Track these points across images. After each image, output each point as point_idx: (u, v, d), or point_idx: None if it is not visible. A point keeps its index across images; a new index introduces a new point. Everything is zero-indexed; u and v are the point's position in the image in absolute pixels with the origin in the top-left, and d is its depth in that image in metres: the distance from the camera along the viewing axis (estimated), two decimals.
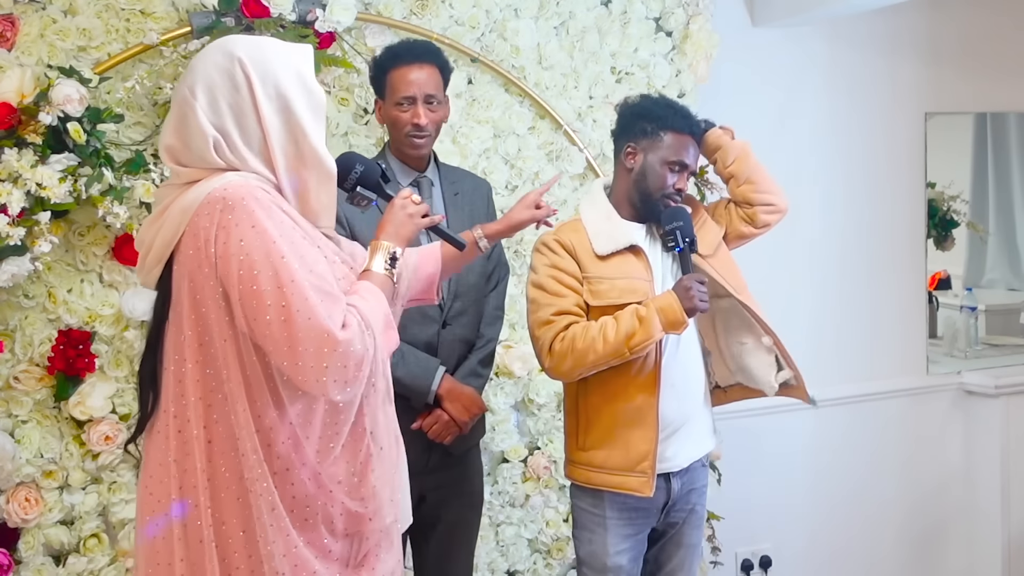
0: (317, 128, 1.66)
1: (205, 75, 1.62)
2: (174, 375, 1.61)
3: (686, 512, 2.41)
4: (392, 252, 1.75)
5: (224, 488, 1.58)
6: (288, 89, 1.63)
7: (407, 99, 2.35)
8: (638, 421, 2.27)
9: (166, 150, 1.65)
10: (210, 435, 1.59)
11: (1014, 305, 4.45)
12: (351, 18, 2.59)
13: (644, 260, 2.32)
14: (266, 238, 1.52)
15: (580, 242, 2.32)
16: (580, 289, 2.30)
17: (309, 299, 1.51)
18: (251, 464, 1.57)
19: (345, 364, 1.53)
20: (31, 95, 2.26)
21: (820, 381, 3.67)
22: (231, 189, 1.56)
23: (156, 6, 2.46)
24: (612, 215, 2.36)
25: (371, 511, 1.67)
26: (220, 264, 1.54)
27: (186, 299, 1.59)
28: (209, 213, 1.55)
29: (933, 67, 3.84)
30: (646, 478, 2.26)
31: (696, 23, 3.16)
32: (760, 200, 2.41)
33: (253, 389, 1.57)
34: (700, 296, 2.18)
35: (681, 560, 2.44)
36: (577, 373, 2.27)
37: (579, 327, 2.24)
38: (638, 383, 2.27)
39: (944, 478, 3.90)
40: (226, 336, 1.56)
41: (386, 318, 1.67)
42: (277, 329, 1.51)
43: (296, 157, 1.63)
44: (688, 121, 2.35)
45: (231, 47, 1.64)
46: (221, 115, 1.60)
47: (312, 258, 1.57)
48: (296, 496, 1.60)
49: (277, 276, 1.51)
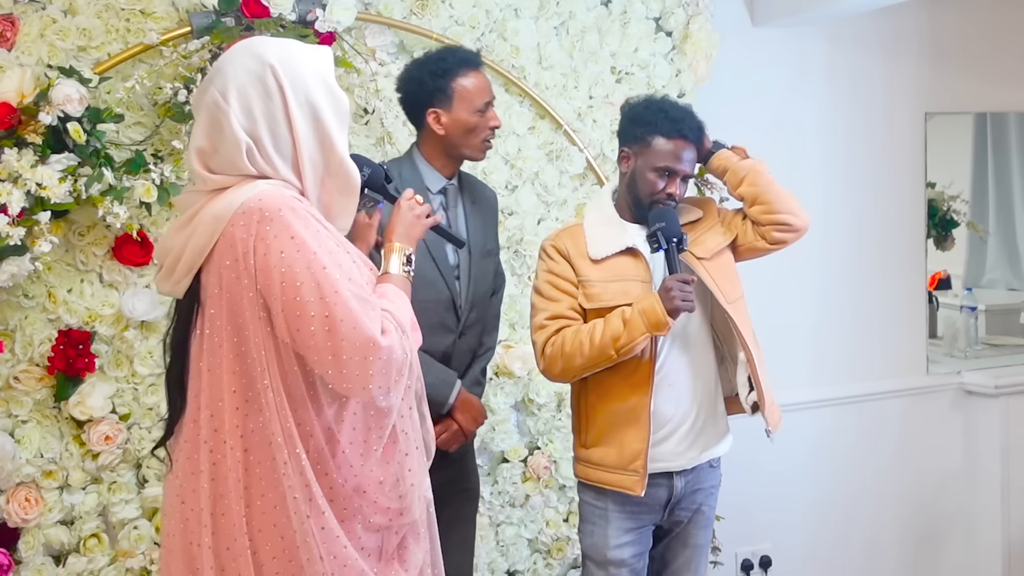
0: (342, 135, 1.67)
1: (236, 80, 1.60)
2: (208, 384, 1.61)
3: (691, 511, 2.42)
4: (408, 253, 1.79)
5: (260, 496, 1.59)
6: (317, 97, 1.63)
7: (486, 104, 2.35)
8: (632, 420, 2.28)
9: (197, 153, 1.64)
10: (247, 444, 1.59)
11: (1014, 305, 4.45)
12: (351, 18, 2.59)
13: (642, 262, 2.33)
14: (305, 249, 1.54)
15: (576, 246, 2.34)
16: (575, 293, 2.32)
17: (353, 309, 1.53)
18: (292, 470, 1.57)
19: (387, 370, 1.57)
20: (31, 95, 2.26)
21: (820, 381, 3.70)
22: (266, 199, 1.56)
23: (156, 6, 2.46)
24: (613, 218, 2.37)
25: (404, 507, 1.70)
26: (260, 276, 1.54)
27: (223, 309, 1.59)
28: (246, 224, 1.55)
29: (933, 67, 3.84)
30: (638, 477, 2.27)
31: (696, 23, 3.16)
32: (772, 220, 2.36)
33: (295, 398, 1.58)
34: (682, 296, 2.17)
35: (687, 560, 2.45)
36: (569, 375, 2.30)
37: (570, 330, 2.27)
38: (631, 383, 2.28)
39: (944, 478, 3.90)
40: (266, 346, 1.57)
41: (411, 320, 1.70)
42: (322, 339, 1.52)
43: (323, 165, 1.65)
44: (678, 125, 2.31)
45: (261, 51, 1.63)
46: (254, 121, 1.60)
47: (348, 266, 1.59)
48: (335, 499, 1.61)
49: (320, 287, 1.52)
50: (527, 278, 2.92)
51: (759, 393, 2.36)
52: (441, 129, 2.34)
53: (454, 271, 2.40)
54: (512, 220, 2.92)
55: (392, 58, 2.73)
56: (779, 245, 2.40)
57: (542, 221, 2.99)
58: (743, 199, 2.40)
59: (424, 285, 2.32)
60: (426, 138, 2.39)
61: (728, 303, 2.33)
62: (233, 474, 1.59)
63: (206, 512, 1.61)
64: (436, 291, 2.36)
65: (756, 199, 2.37)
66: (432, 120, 2.34)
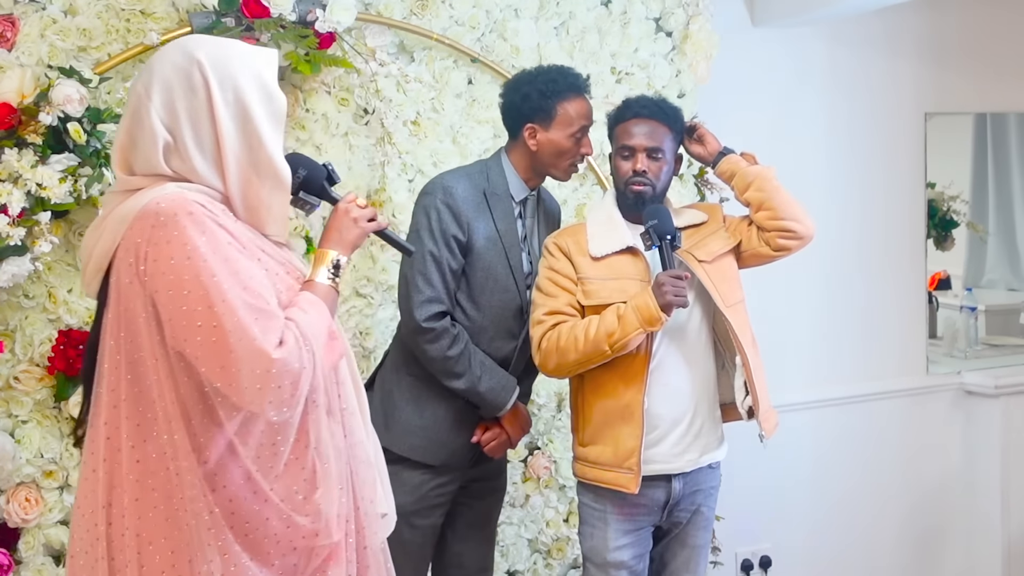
0: (275, 135, 1.62)
1: (162, 75, 1.57)
2: (107, 389, 1.57)
3: (690, 512, 2.42)
4: (336, 260, 1.70)
5: (152, 508, 1.54)
6: (247, 94, 1.59)
7: (583, 129, 2.38)
8: (626, 417, 2.29)
9: (117, 150, 1.60)
10: (139, 454, 1.54)
11: (1014, 305, 4.46)
12: (351, 18, 2.59)
13: (642, 261, 2.34)
14: (196, 256, 1.48)
15: (577, 244, 2.36)
16: (574, 290, 2.33)
17: (241, 319, 1.47)
18: (187, 483, 1.52)
19: (280, 384, 1.50)
20: (31, 95, 2.26)
21: (820, 381, 3.70)
22: (164, 203, 1.51)
23: (156, 6, 2.46)
24: (614, 218, 2.39)
25: (318, 527, 1.62)
26: (149, 282, 1.50)
27: (119, 315, 1.54)
28: (141, 228, 1.51)
29: (933, 67, 3.84)
30: (632, 475, 2.28)
31: (696, 23, 3.16)
32: (777, 227, 2.37)
33: (188, 408, 1.53)
34: (675, 291, 2.18)
35: (686, 560, 2.45)
36: (565, 370, 2.32)
37: (566, 326, 2.29)
38: (625, 379, 2.29)
39: (944, 478, 3.90)
40: (158, 355, 1.52)
41: (329, 330, 1.62)
42: (209, 350, 1.47)
43: (249, 165, 1.59)
44: (627, 108, 2.38)
45: (191, 47, 1.60)
46: (175, 117, 1.56)
47: (247, 274, 1.52)
48: (236, 512, 1.55)
49: (208, 296, 1.47)
50: None
51: (754, 398, 2.36)
52: (535, 145, 2.37)
53: (527, 278, 2.43)
54: None
55: (392, 58, 2.73)
56: (783, 252, 2.40)
57: None
58: (749, 204, 2.41)
59: (498, 289, 2.37)
60: (517, 148, 2.42)
61: (726, 307, 2.33)
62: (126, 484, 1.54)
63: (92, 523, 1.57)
64: (508, 296, 2.39)
65: (763, 204, 2.37)
66: (528, 135, 2.38)
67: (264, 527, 1.58)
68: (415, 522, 2.36)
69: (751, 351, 2.36)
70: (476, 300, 2.36)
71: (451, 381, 2.33)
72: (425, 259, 2.29)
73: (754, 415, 2.39)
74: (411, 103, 2.77)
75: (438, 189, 2.34)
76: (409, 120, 2.77)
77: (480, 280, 2.35)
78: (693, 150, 2.50)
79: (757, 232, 2.40)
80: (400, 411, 2.38)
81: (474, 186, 2.36)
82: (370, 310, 2.72)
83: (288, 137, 2.62)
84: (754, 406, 2.37)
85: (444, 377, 2.33)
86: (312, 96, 2.65)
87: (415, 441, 2.37)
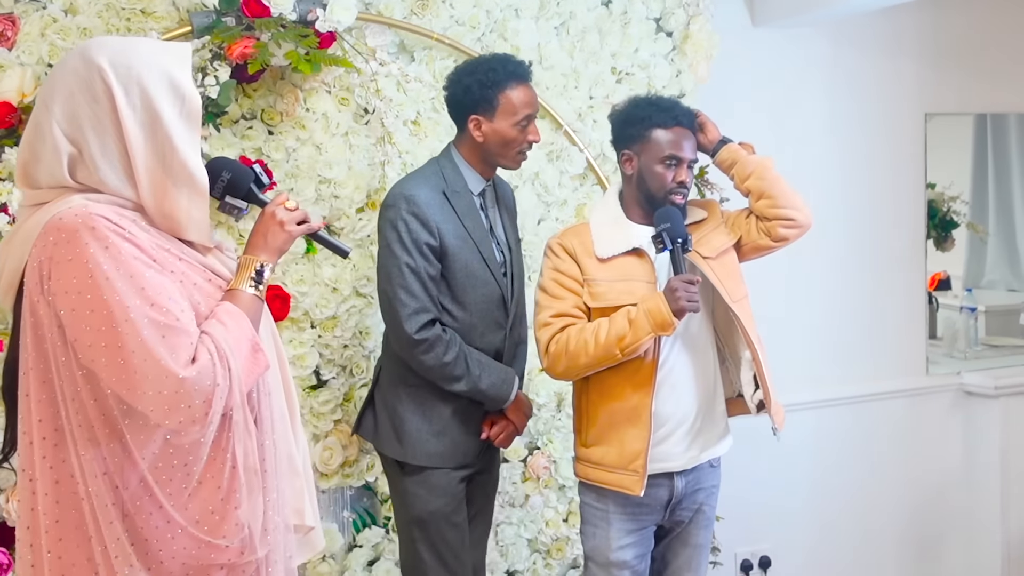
0: (190, 138, 1.55)
1: (63, 84, 1.50)
2: (23, 408, 1.52)
3: (692, 511, 2.42)
4: (258, 267, 1.62)
5: (73, 527, 1.50)
6: (155, 97, 1.51)
7: (528, 118, 2.37)
8: (632, 420, 2.29)
9: (21, 165, 1.54)
10: (57, 475, 1.49)
11: (1014, 306, 4.45)
12: (352, 18, 2.58)
13: (648, 262, 2.34)
14: (98, 274, 1.42)
15: (583, 245, 2.35)
16: (580, 292, 2.32)
17: (145, 339, 1.42)
18: (98, 506, 1.48)
19: (190, 403, 1.45)
20: (31, 94, 2.26)
21: (820, 381, 3.70)
22: (66, 219, 1.45)
23: (156, 5, 2.46)
24: (620, 219, 2.38)
25: (242, 545, 1.55)
26: (54, 301, 1.44)
27: (28, 333, 1.49)
28: (43, 245, 1.45)
29: (933, 68, 3.84)
30: (637, 477, 2.28)
31: (696, 23, 3.16)
32: (777, 215, 2.37)
33: (96, 429, 1.47)
34: (688, 297, 2.18)
35: (688, 559, 2.46)
36: (573, 373, 2.32)
37: (574, 329, 2.28)
38: (633, 382, 2.29)
39: (944, 479, 3.90)
40: (65, 375, 1.47)
41: (250, 343, 1.55)
42: (115, 371, 1.42)
43: (162, 172, 1.52)
44: (672, 113, 2.34)
45: (92, 53, 1.51)
46: (78, 128, 1.49)
47: (155, 289, 1.45)
48: (149, 538, 1.50)
49: (111, 315, 1.42)
50: (527, 277, 2.92)
51: (765, 392, 2.37)
52: (480, 136, 2.37)
53: (502, 268, 2.44)
54: None
55: (392, 58, 2.73)
56: (783, 242, 2.41)
57: (542, 221, 2.99)
58: (749, 192, 2.41)
59: (478, 284, 2.38)
60: (465, 141, 2.42)
61: (733, 302, 2.33)
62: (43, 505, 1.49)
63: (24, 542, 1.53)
64: (489, 290, 2.40)
65: (763, 193, 2.38)
66: (473, 126, 2.37)
67: (181, 554, 1.52)
68: (455, 520, 2.41)
69: (759, 346, 2.36)
70: (460, 300, 2.37)
71: (452, 385, 2.34)
72: (403, 271, 2.29)
73: (763, 409, 2.40)
74: (411, 103, 2.77)
75: (400, 200, 2.32)
76: (409, 120, 2.77)
77: (461, 280, 2.36)
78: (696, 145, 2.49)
79: (756, 223, 2.41)
80: (408, 423, 2.39)
81: (433, 189, 2.35)
82: (370, 310, 2.72)
83: (288, 136, 2.62)
84: (765, 400, 2.38)
85: (445, 383, 2.35)
86: (312, 96, 2.65)
87: (431, 448, 2.39)
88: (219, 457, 1.54)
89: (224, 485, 1.54)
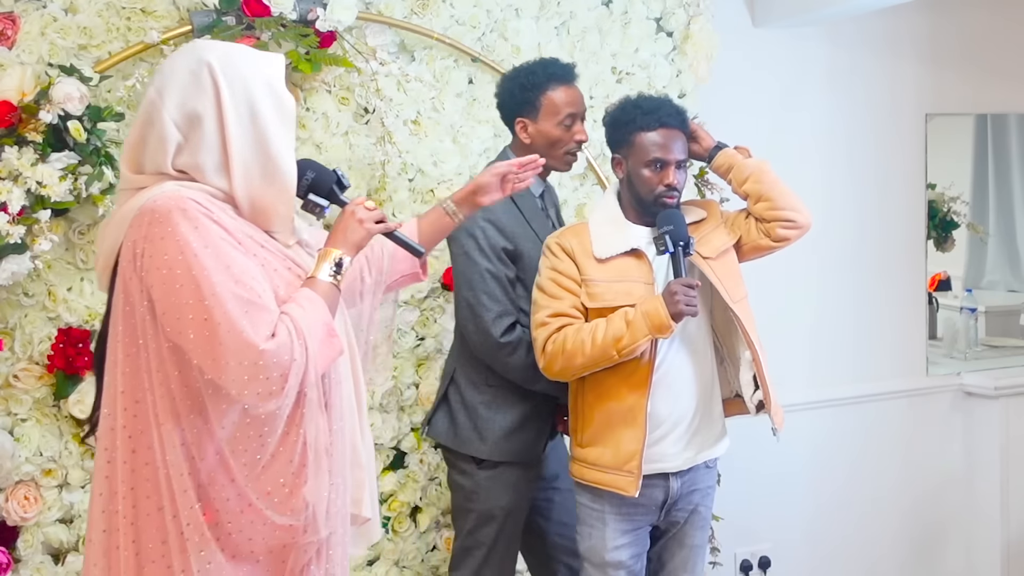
0: (283, 136, 1.66)
1: (173, 76, 1.62)
2: (109, 383, 1.62)
3: (688, 512, 2.42)
4: (338, 259, 1.72)
5: (145, 497, 1.59)
6: (256, 95, 1.63)
7: (571, 116, 2.42)
8: (629, 421, 2.28)
9: (127, 149, 1.65)
10: (135, 444, 1.59)
11: (1014, 307, 4.45)
12: (352, 17, 2.59)
13: (646, 263, 2.33)
14: (188, 251, 1.52)
15: (581, 245, 2.35)
16: (578, 291, 2.32)
17: (229, 311, 1.51)
18: (173, 476, 1.56)
19: (268, 375, 1.52)
20: (32, 93, 2.26)
21: (820, 382, 3.69)
22: (160, 200, 1.56)
23: (157, 5, 2.46)
24: (619, 219, 2.38)
25: (305, 523, 1.63)
26: (145, 277, 1.55)
27: (119, 310, 1.60)
28: (139, 225, 1.56)
29: (933, 68, 3.84)
30: (632, 478, 2.27)
31: (697, 24, 3.16)
32: (776, 216, 2.37)
33: (178, 401, 1.57)
34: (687, 300, 2.17)
35: (684, 560, 2.45)
36: (569, 373, 2.31)
37: (571, 329, 2.28)
38: (630, 383, 2.28)
39: (943, 479, 3.90)
40: (150, 348, 1.57)
41: (326, 327, 1.63)
42: (201, 343, 1.51)
43: (256, 165, 1.63)
44: (656, 116, 2.32)
45: (201, 51, 1.64)
46: (185, 118, 1.60)
47: (239, 268, 1.56)
48: (220, 509, 1.59)
49: (198, 289, 1.51)
50: None
51: (765, 392, 2.37)
52: (527, 138, 2.44)
53: None
54: None
55: (392, 58, 2.73)
56: (783, 242, 2.41)
57: None
58: (748, 196, 2.41)
59: None
60: (516, 145, 2.48)
61: (733, 302, 2.33)
62: (121, 473, 1.59)
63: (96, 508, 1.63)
64: None
65: (761, 196, 2.38)
66: (519, 129, 2.45)
67: (248, 528, 1.60)
68: (519, 517, 2.50)
69: (759, 346, 2.36)
70: None
71: (535, 385, 2.42)
72: (484, 277, 2.37)
73: (763, 409, 2.40)
74: (411, 102, 2.77)
75: None
76: (409, 119, 2.77)
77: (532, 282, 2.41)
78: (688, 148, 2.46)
79: (756, 224, 2.41)
80: (491, 422, 2.46)
81: None
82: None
83: None
84: (765, 400, 2.38)
85: (528, 383, 2.43)
86: (312, 95, 2.65)
87: (512, 446, 2.46)
88: (292, 432, 1.62)
89: (296, 460, 1.62)
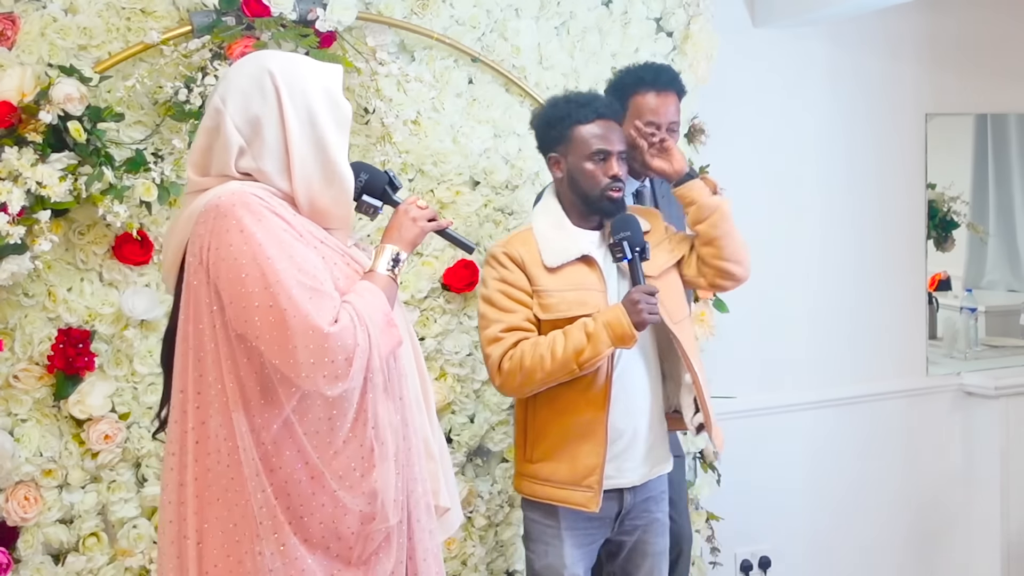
0: (340, 141, 1.73)
1: (237, 84, 1.70)
2: (178, 375, 1.69)
3: (645, 521, 2.37)
4: (395, 254, 1.80)
5: (207, 487, 1.64)
6: (315, 103, 1.70)
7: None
8: (587, 435, 2.22)
9: (194, 153, 1.73)
10: (199, 435, 1.65)
11: (1014, 306, 4.45)
12: (352, 17, 2.58)
13: (597, 270, 2.27)
14: (252, 241, 1.59)
15: (530, 254, 2.27)
16: (530, 303, 2.25)
17: (295, 297, 1.56)
18: (244, 460, 1.62)
19: (334, 359, 1.58)
20: (31, 93, 2.26)
21: (820, 382, 3.70)
22: (224, 197, 1.63)
23: (157, 5, 2.46)
24: (563, 223, 2.32)
25: (374, 510, 1.68)
26: (212, 269, 1.61)
27: (188, 305, 1.67)
28: (205, 221, 1.63)
29: (934, 68, 3.84)
30: (592, 493, 2.22)
31: (697, 24, 3.16)
32: (718, 266, 2.31)
33: (247, 390, 1.63)
34: (649, 309, 2.13)
35: (650, 569, 2.40)
36: (528, 390, 2.23)
37: (528, 344, 2.20)
38: (588, 397, 2.22)
39: (943, 479, 3.90)
40: (218, 339, 1.63)
41: (386, 316, 1.70)
42: (267, 329, 1.57)
43: (315, 167, 1.70)
44: (592, 107, 2.27)
45: (264, 60, 1.73)
46: (249, 123, 1.68)
47: (302, 257, 1.62)
48: (291, 494, 1.64)
49: (264, 277, 1.57)
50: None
51: (705, 416, 2.32)
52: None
53: None
54: (512, 220, 2.92)
55: (392, 58, 2.73)
56: (715, 290, 2.38)
57: None
58: (699, 235, 2.33)
59: None
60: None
61: (674, 323, 2.27)
62: (187, 463, 1.65)
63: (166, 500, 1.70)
64: None
65: (712, 241, 2.31)
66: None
67: (319, 512, 1.65)
68: None
69: (699, 367, 2.30)
70: None
71: None
72: None
73: (703, 430, 2.36)
74: (411, 102, 2.77)
75: None
76: (409, 119, 2.77)
77: None
78: (655, 164, 2.39)
79: (696, 261, 2.35)
80: None
81: None
82: None
83: None
84: (706, 424, 2.33)
85: None
86: None
87: None
88: (360, 417, 1.68)
89: (366, 444, 1.68)
